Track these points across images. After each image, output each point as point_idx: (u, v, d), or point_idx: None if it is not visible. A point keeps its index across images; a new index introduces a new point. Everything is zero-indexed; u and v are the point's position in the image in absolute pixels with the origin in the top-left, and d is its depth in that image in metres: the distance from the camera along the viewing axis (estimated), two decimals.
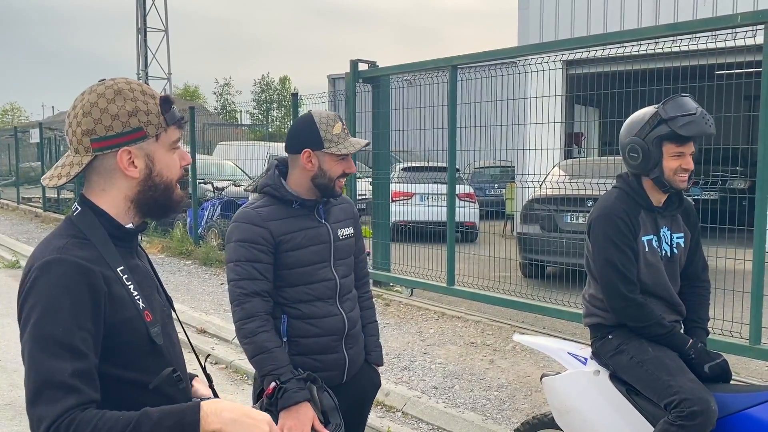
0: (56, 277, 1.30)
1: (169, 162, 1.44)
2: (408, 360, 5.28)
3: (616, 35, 6.15)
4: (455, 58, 6.65)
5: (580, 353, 2.76)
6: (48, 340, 1.26)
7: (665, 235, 2.61)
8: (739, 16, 4.67)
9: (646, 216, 2.58)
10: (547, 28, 12.48)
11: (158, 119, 1.41)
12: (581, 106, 10.66)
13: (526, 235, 7.31)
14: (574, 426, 2.69)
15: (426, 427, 4.24)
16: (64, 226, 1.43)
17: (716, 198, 7.19)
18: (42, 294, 1.29)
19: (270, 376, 2.10)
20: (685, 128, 2.46)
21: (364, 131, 7.75)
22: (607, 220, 2.55)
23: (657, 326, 2.49)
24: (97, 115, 1.37)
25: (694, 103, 2.50)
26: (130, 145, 1.39)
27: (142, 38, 32.25)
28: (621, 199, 2.59)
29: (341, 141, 2.23)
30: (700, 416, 2.26)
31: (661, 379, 2.38)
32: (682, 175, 2.53)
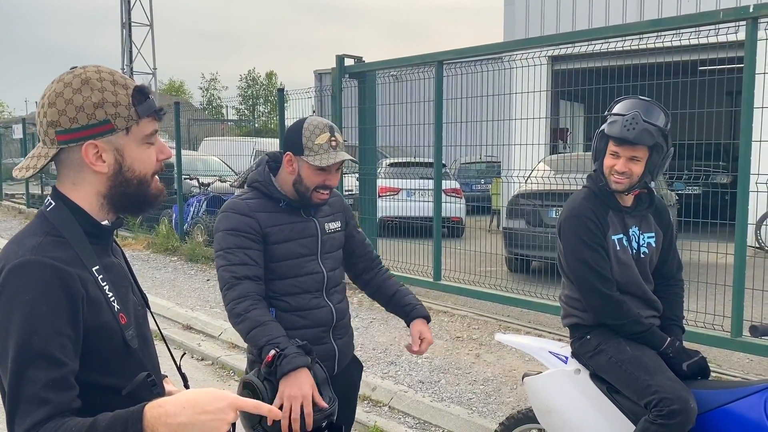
0: (31, 281, 1.21)
1: (141, 156, 1.35)
2: (395, 355, 5.29)
3: (601, 31, 6.19)
4: (441, 54, 6.66)
5: (561, 352, 2.77)
6: (23, 349, 1.19)
7: (635, 235, 2.61)
8: (722, 13, 4.72)
9: (615, 215, 2.59)
10: (533, 24, 12.52)
11: (128, 111, 1.32)
12: (566, 101, 10.72)
13: (511, 230, 7.35)
14: (555, 425, 2.70)
15: (412, 422, 4.26)
16: (37, 222, 1.34)
17: (699, 193, 7.26)
18: (17, 300, 1.21)
19: (267, 346, 2.04)
20: (609, 127, 2.51)
21: (351, 126, 7.75)
22: (576, 220, 2.56)
23: (635, 324, 2.50)
24: (61, 106, 1.28)
25: (639, 105, 2.48)
26: (97, 139, 1.30)
27: (127, 33, 31.99)
28: (588, 198, 2.60)
29: (321, 152, 2.19)
30: (680, 415, 2.27)
31: (640, 378, 2.39)
32: (616, 177, 2.51)
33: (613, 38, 5.54)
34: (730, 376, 4.47)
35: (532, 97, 6.29)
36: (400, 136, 7.73)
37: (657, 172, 2.52)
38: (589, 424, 2.60)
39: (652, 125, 2.44)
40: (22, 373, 1.18)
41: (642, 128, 2.43)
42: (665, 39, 5.25)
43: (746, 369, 4.74)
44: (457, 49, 6.65)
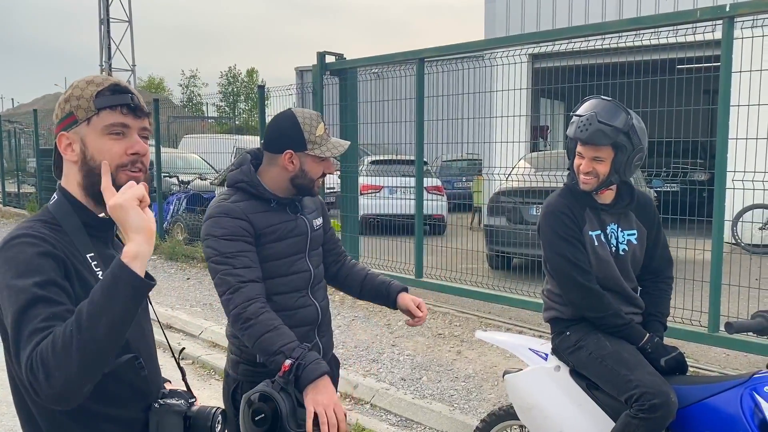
0: (23, 245, 1.33)
1: (102, 146, 1.43)
2: (376, 352, 5.29)
3: (581, 29, 6.23)
4: (422, 51, 6.66)
5: (541, 349, 2.78)
6: (21, 296, 1.27)
7: (613, 232, 2.61)
8: (699, 12, 4.77)
9: (591, 212, 2.60)
10: (514, 22, 12.58)
11: (88, 103, 1.43)
12: (546, 99, 10.79)
13: (492, 227, 7.38)
14: (536, 422, 2.71)
15: (394, 419, 4.26)
16: (39, 213, 1.47)
17: (677, 190, 7.35)
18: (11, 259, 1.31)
19: (280, 354, 1.97)
20: (569, 128, 2.57)
21: (332, 124, 7.72)
22: (552, 216, 2.60)
23: (615, 317, 2.52)
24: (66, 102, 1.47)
25: (596, 106, 2.50)
26: (67, 130, 1.44)
27: (105, 29, 31.60)
28: (564, 195, 2.63)
29: (324, 143, 2.20)
30: (661, 409, 2.29)
31: (621, 374, 2.41)
32: (583, 177, 2.54)
33: (592, 36, 5.59)
34: (707, 371, 4.52)
35: (513, 94, 6.32)
36: (381, 134, 7.73)
37: (625, 171, 2.52)
38: (569, 420, 2.61)
39: (607, 125, 2.45)
40: (23, 315, 1.26)
41: (595, 129, 2.45)
42: (644, 37, 5.30)
43: (723, 364, 4.80)
44: (439, 47, 6.66)
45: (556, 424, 2.64)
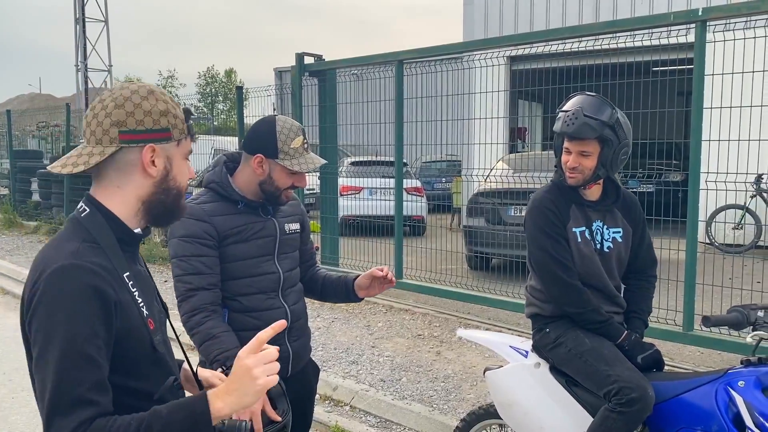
0: (71, 284, 1.27)
1: (183, 169, 1.48)
2: (356, 354, 5.29)
3: (558, 32, 6.29)
4: (401, 53, 6.68)
5: (521, 346, 2.81)
6: (67, 351, 1.24)
7: (598, 229, 2.62)
8: (673, 15, 4.85)
9: (577, 209, 2.61)
10: (492, 24, 12.65)
11: (182, 125, 1.45)
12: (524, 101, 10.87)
13: (471, 228, 7.42)
14: (516, 418, 2.74)
15: (374, 420, 4.26)
16: (72, 228, 1.39)
17: (652, 190, 7.45)
18: (59, 302, 1.26)
19: (216, 362, 2.03)
20: (555, 124, 2.58)
21: (311, 125, 7.71)
22: (536, 211, 2.62)
23: (594, 313, 2.53)
24: (130, 108, 1.38)
25: (582, 102, 2.53)
26: (156, 144, 1.40)
27: (81, 29, 31.16)
28: (550, 191, 2.65)
29: (297, 156, 2.19)
30: (639, 402, 2.33)
31: (600, 369, 2.44)
32: (569, 173, 2.56)
33: (569, 39, 5.65)
34: (682, 368, 4.59)
35: (491, 96, 6.36)
36: (361, 135, 7.73)
37: (612, 165, 2.54)
38: (548, 416, 2.65)
39: (593, 119, 2.47)
40: (67, 374, 1.23)
41: (582, 122, 2.48)
42: (620, 40, 5.37)
43: (697, 362, 4.88)
44: (418, 49, 6.68)
45: (536, 420, 2.67)
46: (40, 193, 13.87)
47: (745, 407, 2.20)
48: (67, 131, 12.94)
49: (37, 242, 11.34)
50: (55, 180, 12.93)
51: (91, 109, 1.42)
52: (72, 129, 13.52)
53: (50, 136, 18.37)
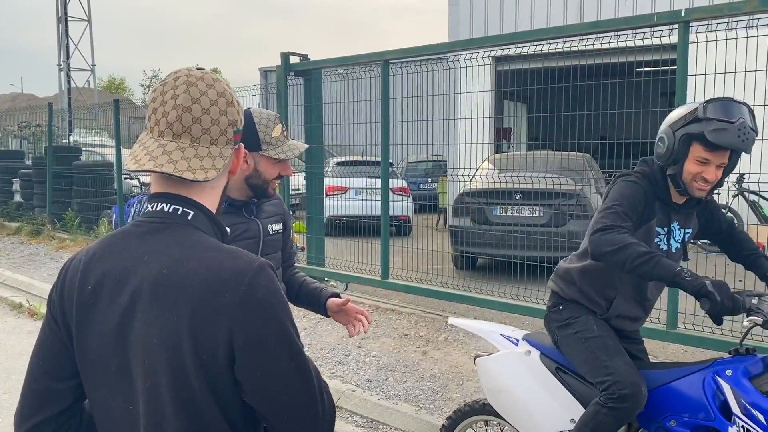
0: (273, 280, 1.21)
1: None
2: (342, 354, 5.28)
3: (542, 32, 6.32)
4: (387, 53, 6.67)
5: (512, 335, 2.84)
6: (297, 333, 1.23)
7: (674, 230, 2.52)
8: (656, 16, 4.89)
9: (660, 207, 2.46)
10: (477, 24, 12.70)
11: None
12: (509, 101, 10.92)
13: (457, 228, 7.44)
14: (505, 404, 2.76)
15: (360, 420, 4.26)
16: (196, 231, 1.23)
17: None
18: (273, 301, 1.18)
19: None
20: (714, 135, 2.25)
21: (297, 125, 7.69)
22: (630, 185, 2.42)
23: (637, 245, 2.22)
24: (237, 107, 1.29)
25: (742, 112, 2.27)
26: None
27: (63, 28, 30.85)
28: (645, 177, 2.46)
29: (280, 144, 2.19)
30: (630, 400, 2.33)
31: (599, 357, 2.44)
32: (701, 185, 2.35)
33: (554, 39, 5.67)
34: None
35: (477, 96, 6.38)
36: (347, 135, 7.72)
37: (728, 175, 2.41)
38: (537, 402, 2.67)
39: (754, 131, 2.27)
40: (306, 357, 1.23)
41: (753, 138, 2.26)
42: (604, 41, 5.41)
43: (681, 359, 4.92)
44: (403, 49, 6.68)
45: (525, 406, 2.70)
46: (21, 193, 13.72)
47: (733, 395, 2.22)
48: (49, 131, 12.80)
49: (19, 243, 11.20)
50: (37, 180, 12.80)
51: (194, 101, 1.22)
52: (54, 129, 13.38)
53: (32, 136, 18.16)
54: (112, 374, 1.21)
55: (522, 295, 5.77)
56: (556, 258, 6.24)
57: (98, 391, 1.24)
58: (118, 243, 1.25)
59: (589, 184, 7.31)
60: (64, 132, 17.94)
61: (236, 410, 1.19)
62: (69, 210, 11.55)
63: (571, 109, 5.78)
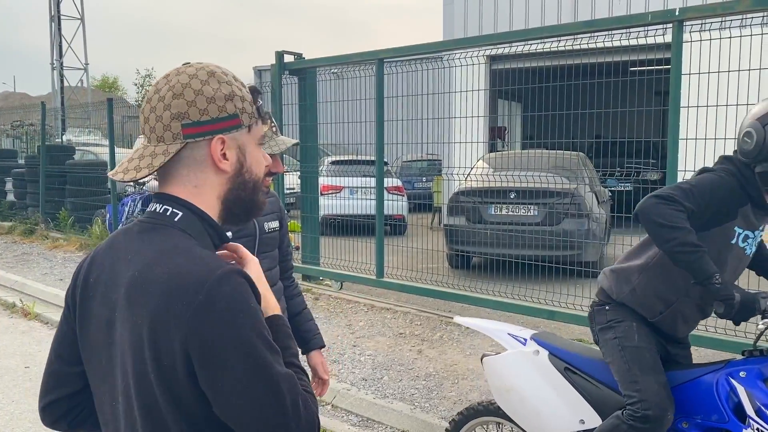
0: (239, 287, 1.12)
1: (259, 157, 1.27)
2: (338, 353, 5.28)
3: (536, 31, 6.33)
4: (381, 52, 6.67)
5: (519, 334, 2.80)
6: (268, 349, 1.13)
7: (757, 235, 2.39)
8: (650, 15, 4.90)
9: (751, 210, 2.30)
10: (471, 23, 12.70)
11: (252, 108, 1.24)
12: (504, 100, 10.93)
13: (452, 227, 7.44)
14: (513, 404, 2.73)
15: (355, 419, 4.26)
16: (175, 234, 1.18)
17: (630, 189, 7.54)
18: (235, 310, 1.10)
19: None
20: None
21: (291, 124, 7.68)
22: (719, 180, 2.27)
23: (689, 233, 2.13)
24: (190, 97, 1.17)
25: None
26: (225, 134, 1.20)
27: (56, 26, 30.71)
28: (733, 176, 2.29)
29: (268, 140, 2.19)
30: (653, 422, 2.25)
31: (632, 370, 2.35)
32: None
33: (548, 38, 5.68)
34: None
35: (471, 95, 6.38)
36: (341, 134, 7.71)
37: None
38: (545, 402, 2.64)
39: None
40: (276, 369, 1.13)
41: None
42: (598, 40, 5.42)
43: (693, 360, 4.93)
44: (398, 48, 6.68)
45: (533, 406, 2.67)
46: (14, 193, 13.65)
47: (747, 396, 2.19)
48: (42, 130, 12.75)
49: (12, 243, 11.15)
50: (30, 180, 12.74)
51: (147, 101, 1.21)
52: (47, 128, 13.32)
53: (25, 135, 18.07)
54: (103, 368, 1.22)
55: (517, 293, 5.78)
56: (550, 257, 6.29)
57: (95, 382, 1.27)
58: (119, 241, 1.25)
59: (583, 183, 7.33)
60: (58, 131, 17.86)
61: (202, 422, 1.14)
62: (62, 209, 11.50)
63: (565, 108, 5.79)
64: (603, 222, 7.32)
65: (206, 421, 1.14)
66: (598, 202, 7.43)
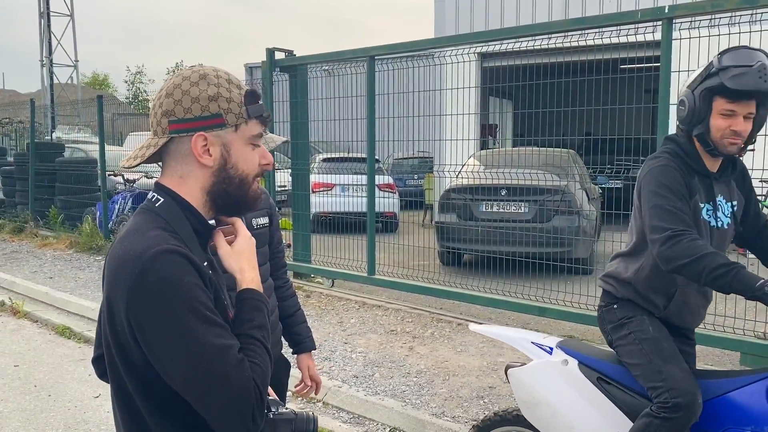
0: (174, 265, 1.21)
1: (246, 155, 1.38)
2: (329, 350, 5.28)
3: (528, 28, 6.34)
4: (372, 49, 6.66)
5: (544, 342, 2.65)
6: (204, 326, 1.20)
7: (721, 205, 2.36)
8: (639, 13, 4.92)
9: (701, 181, 2.31)
10: (463, 21, 12.71)
11: (240, 109, 1.35)
12: (495, 98, 10.95)
13: (443, 224, 7.45)
14: (543, 419, 2.57)
15: (346, 416, 4.26)
16: (148, 217, 1.32)
17: (621, 186, 7.56)
18: (169, 282, 1.20)
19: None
20: (734, 80, 2.16)
21: (282, 121, 7.66)
22: (662, 170, 2.28)
23: (716, 256, 2.10)
24: (178, 96, 1.32)
25: (759, 56, 2.17)
26: (207, 131, 1.32)
27: (45, 23, 30.47)
28: (675, 155, 2.32)
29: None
30: (684, 409, 2.18)
31: (654, 362, 2.28)
32: (732, 139, 2.22)
33: (539, 35, 5.69)
34: None
35: (463, 93, 6.39)
36: (333, 131, 7.70)
37: (760, 128, 2.27)
38: (579, 416, 2.50)
39: None
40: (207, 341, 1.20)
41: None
42: (588, 38, 5.43)
43: (701, 360, 4.96)
44: (389, 45, 6.68)
45: (566, 421, 2.51)
46: (4, 190, 13.55)
47: None
48: (32, 127, 12.66)
49: (1, 241, 11.08)
50: (20, 177, 12.65)
51: (155, 98, 1.38)
52: (36, 125, 13.22)
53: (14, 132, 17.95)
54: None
55: (507, 290, 5.79)
56: (541, 254, 6.31)
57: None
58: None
59: (573, 180, 7.35)
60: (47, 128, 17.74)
61: (156, 385, 1.24)
62: (52, 207, 11.43)
63: (556, 106, 5.81)
64: (593, 219, 7.36)
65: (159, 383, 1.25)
66: (589, 199, 7.47)
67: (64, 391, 4.72)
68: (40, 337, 6.12)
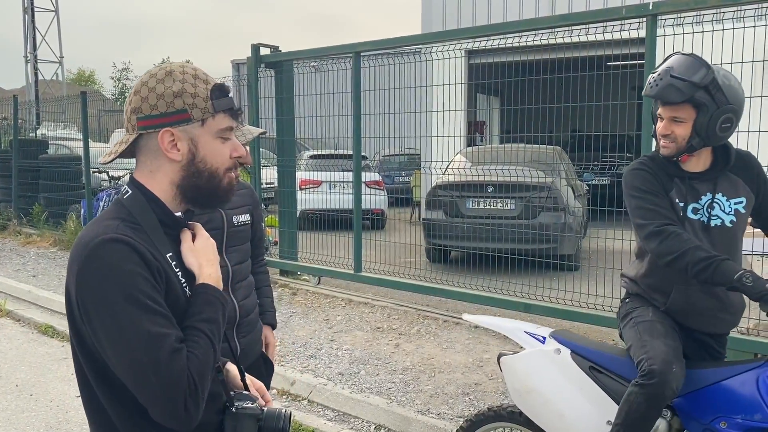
0: (116, 254, 1.26)
1: (215, 149, 1.41)
2: (314, 348, 5.26)
3: (514, 24, 6.33)
4: (359, 45, 6.63)
5: (537, 332, 2.69)
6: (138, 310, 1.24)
7: (720, 202, 2.36)
8: (624, 9, 4.93)
9: (681, 183, 2.37)
10: (450, 17, 12.70)
11: (206, 104, 1.38)
12: (482, 94, 10.94)
13: (430, 221, 7.44)
14: (534, 406, 2.60)
15: (332, 414, 4.24)
16: (114, 208, 1.39)
17: (607, 183, 7.59)
18: (108, 270, 1.25)
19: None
20: (646, 87, 2.34)
21: (268, 117, 7.61)
22: (633, 174, 2.40)
23: (698, 250, 2.18)
24: (145, 94, 1.37)
25: (672, 63, 2.28)
26: (174, 127, 1.36)
27: (29, 18, 30.14)
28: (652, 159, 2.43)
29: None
30: (658, 376, 2.19)
31: (642, 338, 2.34)
32: (663, 141, 2.34)
33: (525, 32, 5.69)
34: None
35: (450, 89, 6.37)
36: (319, 128, 7.67)
37: (708, 134, 2.27)
38: (569, 403, 2.54)
39: (681, 80, 2.21)
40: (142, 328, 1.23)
41: (666, 83, 2.23)
42: (574, 35, 5.43)
43: None
44: (375, 41, 6.65)
45: (557, 408, 2.55)
46: None
47: None
48: (15, 124, 12.51)
49: None
50: (2, 174, 12.51)
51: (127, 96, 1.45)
52: (20, 122, 13.07)
53: None
54: None
55: (494, 287, 5.79)
56: (527, 250, 6.32)
57: None
58: None
59: (560, 177, 7.36)
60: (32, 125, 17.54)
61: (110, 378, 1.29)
62: (36, 204, 11.31)
63: (542, 103, 5.81)
64: (580, 215, 7.37)
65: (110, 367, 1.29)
66: (575, 196, 7.48)
67: (46, 391, 4.67)
68: (23, 336, 6.05)
